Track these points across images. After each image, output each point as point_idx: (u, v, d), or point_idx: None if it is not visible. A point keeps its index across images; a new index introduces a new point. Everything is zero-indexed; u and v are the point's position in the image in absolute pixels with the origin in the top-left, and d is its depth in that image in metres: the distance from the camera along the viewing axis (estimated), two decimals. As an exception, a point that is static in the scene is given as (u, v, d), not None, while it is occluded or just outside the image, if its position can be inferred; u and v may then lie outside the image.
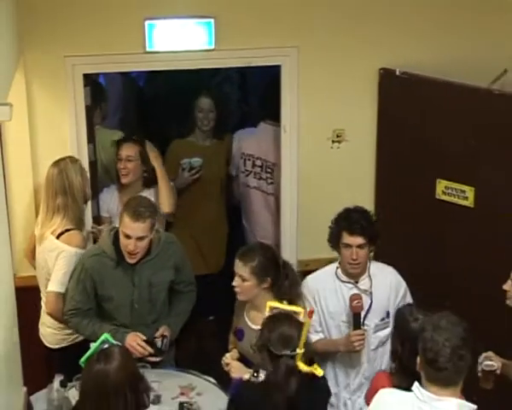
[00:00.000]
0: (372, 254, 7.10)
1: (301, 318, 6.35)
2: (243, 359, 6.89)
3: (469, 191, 7.83)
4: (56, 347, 7.70)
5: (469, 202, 7.85)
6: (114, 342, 6.13)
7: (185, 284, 7.51)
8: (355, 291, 6.56)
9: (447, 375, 5.19)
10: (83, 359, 6.10)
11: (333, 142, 8.26)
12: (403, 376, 5.75)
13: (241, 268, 6.83)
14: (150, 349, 7.05)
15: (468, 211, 7.86)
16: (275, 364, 6.09)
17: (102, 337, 6.23)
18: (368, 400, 6.06)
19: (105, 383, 5.58)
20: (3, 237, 6.48)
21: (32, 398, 7.04)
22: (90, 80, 8.20)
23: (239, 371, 6.73)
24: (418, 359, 5.37)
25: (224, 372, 6.99)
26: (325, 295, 6.64)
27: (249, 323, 6.86)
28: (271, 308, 6.35)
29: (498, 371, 6.26)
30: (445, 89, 7.69)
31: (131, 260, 7.05)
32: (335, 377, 6.80)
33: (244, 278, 6.77)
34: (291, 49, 7.96)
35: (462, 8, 7.77)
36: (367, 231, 6.46)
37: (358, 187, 8.35)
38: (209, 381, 7.34)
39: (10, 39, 6.79)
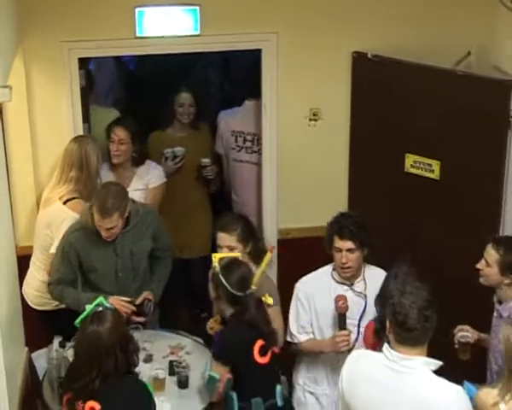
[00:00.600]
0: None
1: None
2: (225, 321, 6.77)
3: (435, 165, 7.81)
4: (39, 308, 7.61)
5: (435, 175, 7.83)
6: (108, 305, 6.03)
7: (163, 251, 7.48)
8: (349, 293, 6.33)
9: (415, 335, 5.16)
10: (78, 320, 5.99)
11: (310, 120, 8.21)
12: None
13: (227, 239, 6.84)
14: (132, 307, 7.00)
15: (434, 183, 7.84)
16: (242, 303, 6.33)
17: (97, 301, 6.08)
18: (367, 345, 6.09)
19: (97, 343, 5.61)
20: (5, 209, 6.50)
21: (34, 355, 7.06)
22: (85, 64, 8.14)
23: None
24: (387, 323, 5.34)
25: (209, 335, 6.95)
26: (320, 296, 6.39)
27: None
28: (219, 260, 6.47)
29: (472, 341, 6.25)
30: (413, 70, 7.64)
31: (109, 240, 7.01)
32: (327, 377, 6.57)
33: (232, 247, 6.79)
34: (271, 35, 7.90)
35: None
36: (356, 235, 6.20)
37: (333, 161, 8.32)
38: (197, 341, 7.33)
39: (9, 26, 6.74)
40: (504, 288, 6.00)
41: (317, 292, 6.38)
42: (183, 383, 6.68)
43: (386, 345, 5.32)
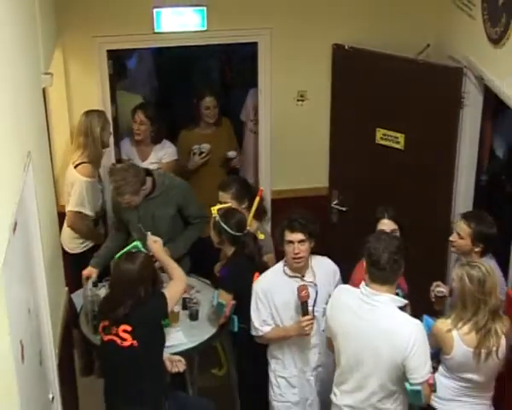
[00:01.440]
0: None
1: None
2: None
3: (401, 137, 7.95)
4: (71, 252, 7.80)
5: (401, 146, 7.97)
6: (142, 249, 6.21)
7: (193, 217, 7.53)
8: (302, 283, 6.02)
9: (385, 274, 5.41)
10: (117, 255, 6.27)
11: (297, 100, 8.30)
12: None
13: (224, 196, 6.99)
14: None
15: (400, 152, 7.97)
16: (241, 240, 6.64)
17: (133, 244, 6.34)
18: (352, 282, 6.18)
19: (130, 277, 5.86)
20: (48, 175, 6.60)
21: (72, 295, 7.18)
22: (113, 55, 8.23)
23: None
24: (364, 264, 5.59)
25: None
26: (276, 291, 6.09)
27: None
28: (218, 210, 6.71)
29: (447, 295, 6.33)
30: (382, 59, 7.73)
31: (131, 208, 7.25)
32: (293, 360, 6.29)
33: (227, 203, 6.89)
34: (266, 30, 7.99)
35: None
36: (305, 227, 5.91)
37: (317, 134, 8.44)
38: (205, 282, 7.47)
39: (50, 24, 6.93)
40: (474, 255, 6.06)
41: (273, 288, 6.11)
42: (193, 316, 6.88)
43: (362, 283, 5.55)
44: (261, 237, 6.86)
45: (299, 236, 5.90)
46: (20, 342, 4.67)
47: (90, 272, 6.97)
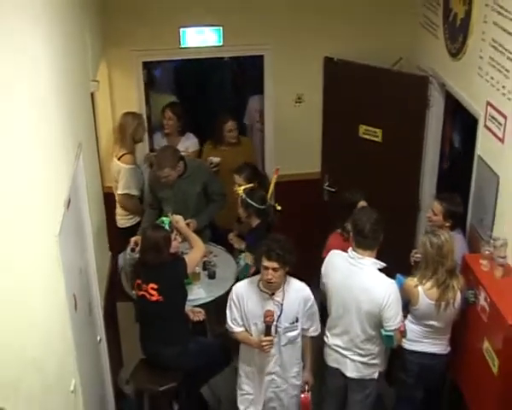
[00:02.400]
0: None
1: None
2: (240, 236, 7.11)
3: (379, 132, 7.97)
4: (122, 226, 7.93)
5: (379, 139, 7.99)
6: (167, 226, 6.32)
7: (215, 194, 7.59)
8: (270, 302, 5.65)
9: (368, 241, 5.62)
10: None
11: (295, 102, 8.31)
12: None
13: (237, 179, 7.04)
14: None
15: (378, 144, 8.00)
16: (264, 211, 6.69)
17: (160, 219, 6.50)
18: (323, 254, 6.24)
19: (153, 241, 6.06)
20: (95, 163, 6.73)
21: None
22: (147, 67, 8.28)
23: (238, 243, 7.10)
24: (351, 233, 5.76)
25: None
26: (248, 299, 5.72)
27: None
28: (244, 190, 6.75)
29: None
30: (364, 69, 7.74)
31: (168, 183, 7.31)
32: (254, 360, 5.94)
33: (240, 184, 6.92)
34: (270, 45, 8.01)
35: (373, 17, 7.80)
36: (281, 257, 5.45)
37: (311, 130, 8.42)
38: (221, 248, 7.55)
39: (97, 42, 6.98)
40: (445, 228, 6.02)
41: (246, 295, 5.74)
42: (211, 276, 7.02)
43: (350, 248, 5.73)
44: (278, 207, 6.83)
45: (274, 264, 5.49)
46: (73, 295, 4.79)
47: (138, 239, 6.94)
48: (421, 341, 5.92)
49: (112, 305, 7.05)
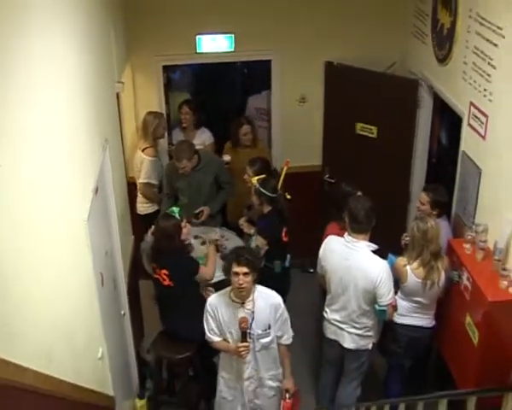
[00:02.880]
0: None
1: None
2: (249, 221, 7.12)
3: (374, 129, 7.94)
4: (141, 213, 7.93)
5: (375, 135, 7.96)
6: (177, 215, 6.23)
7: (224, 183, 7.67)
8: (241, 310, 5.44)
9: (362, 226, 5.67)
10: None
11: (299, 101, 8.30)
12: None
13: (249, 170, 7.00)
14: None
15: (374, 140, 7.97)
16: (276, 199, 6.62)
17: (171, 209, 6.40)
18: (321, 241, 6.22)
19: (163, 230, 6.05)
20: (120, 156, 6.78)
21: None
22: (167, 70, 8.32)
23: (248, 228, 7.08)
24: (346, 220, 5.79)
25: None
26: (221, 310, 5.50)
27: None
28: (258, 180, 6.65)
29: None
30: (361, 72, 7.71)
31: (185, 174, 7.36)
32: (231, 367, 5.76)
33: (250, 174, 6.92)
34: (277, 51, 8.00)
35: (370, 26, 7.77)
36: (250, 262, 5.28)
37: (314, 126, 8.40)
38: (231, 232, 7.55)
39: (122, 48, 7.02)
40: (432, 216, 6.06)
41: (219, 306, 5.51)
42: (223, 257, 6.68)
43: (346, 233, 5.78)
44: (288, 196, 6.83)
45: (244, 269, 5.27)
46: (100, 273, 4.85)
47: None
48: (410, 315, 5.99)
49: (134, 282, 7.11)
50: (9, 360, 2.58)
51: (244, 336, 5.39)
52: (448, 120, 7.53)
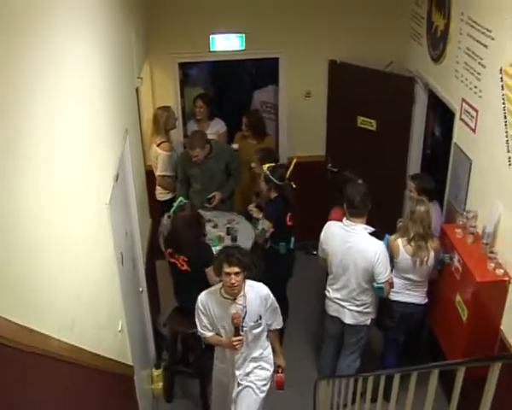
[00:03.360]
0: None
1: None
2: (258, 206, 7.10)
3: (374, 122, 7.95)
4: (160, 200, 7.94)
5: (374, 128, 7.97)
6: (185, 201, 6.35)
7: (233, 170, 7.69)
8: (234, 306, 5.22)
9: (359, 211, 5.72)
10: (170, 211, 6.44)
11: (305, 96, 8.30)
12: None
13: (256, 158, 7.05)
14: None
15: (373, 132, 7.99)
16: (282, 187, 6.65)
17: (179, 200, 6.40)
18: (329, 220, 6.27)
19: (183, 219, 6.04)
20: (139, 147, 6.78)
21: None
22: (183, 67, 8.29)
23: (256, 213, 7.04)
24: (344, 205, 5.82)
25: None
26: (213, 306, 5.26)
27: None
28: (268, 167, 6.65)
29: None
30: (361, 70, 7.71)
31: (197, 162, 7.39)
32: (224, 356, 5.58)
33: (257, 163, 7.00)
34: (284, 50, 8.01)
35: (370, 28, 7.76)
36: (241, 261, 5.03)
37: (318, 120, 8.39)
38: (241, 216, 7.57)
39: (141, 46, 7.01)
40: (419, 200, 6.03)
41: (210, 303, 5.28)
42: (234, 239, 7.02)
43: (344, 218, 5.82)
44: (293, 186, 6.83)
45: (235, 269, 5.03)
46: (120, 253, 4.88)
47: None
48: (402, 292, 6.02)
49: (152, 262, 7.13)
50: (37, 329, 2.62)
51: (237, 330, 5.22)
52: (441, 115, 7.53)
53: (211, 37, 7.82)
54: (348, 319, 6.12)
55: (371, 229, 5.81)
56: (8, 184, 2.42)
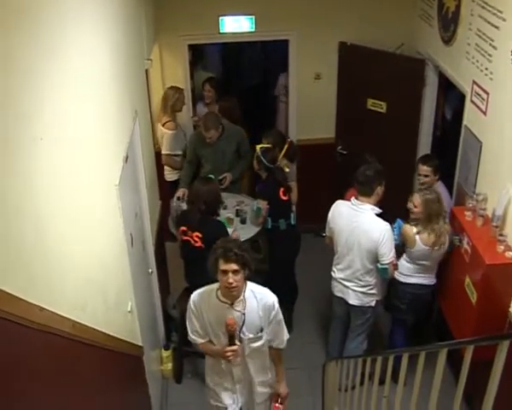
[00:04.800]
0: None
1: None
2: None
3: (384, 104, 7.93)
4: (169, 180, 7.96)
5: (384, 110, 7.95)
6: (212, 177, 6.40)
7: (244, 152, 7.65)
8: (230, 312, 4.56)
9: (364, 188, 5.81)
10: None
11: (315, 78, 8.28)
12: None
13: (264, 141, 7.03)
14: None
15: (383, 115, 7.97)
16: (272, 169, 6.71)
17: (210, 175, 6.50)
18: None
19: (203, 194, 6.05)
20: (149, 128, 6.80)
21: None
22: (192, 48, 8.28)
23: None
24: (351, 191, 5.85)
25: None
26: (207, 309, 4.63)
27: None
28: (260, 148, 6.75)
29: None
30: (372, 52, 7.71)
31: (210, 142, 7.37)
32: (222, 371, 4.94)
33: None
34: (294, 31, 7.99)
35: (381, 9, 7.75)
36: (240, 257, 4.36)
37: (328, 102, 8.37)
38: (251, 198, 7.56)
39: (151, 28, 7.03)
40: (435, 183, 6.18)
41: (204, 306, 4.65)
42: (243, 221, 7.06)
43: (352, 197, 5.84)
44: (286, 169, 6.91)
45: (233, 266, 4.35)
46: (130, 234, 4.90)
47: (183, 191, 7.16)
48: (413, 275, 6.04)
49: (161, 244, 7.16)
50: (51, 309, 2.66)
51: (232, 339, 4.56)
52: (452, 97, 7.53)
53: (220, 18, 7.79)
54: (352, 300, 6.15)
55: (378, 210, 5.82)
56: (23, 166, 2.45)
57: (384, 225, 5.74)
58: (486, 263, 5.20)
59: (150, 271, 6.23)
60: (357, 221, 5.82)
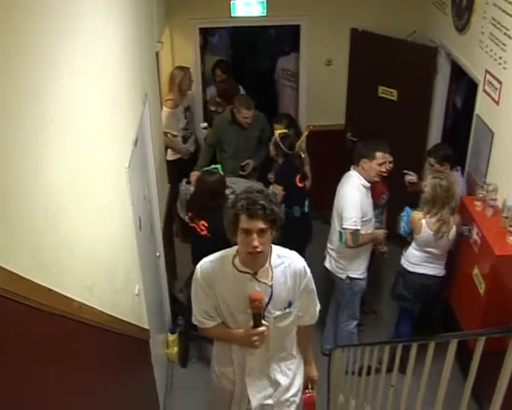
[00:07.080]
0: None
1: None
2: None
3: (394, 92, 7.92)
4: (169, 159, 7.78)
5: (395, 98, 7.93)
6: (220, 170, 6.30)
7: (265, 138, 7.54)
8: (253, 284, 3.62)
9: (353, 158, 6.07)
10: (204, 169, 6.49)
11: (326, 64, 8.26)
12: None
13: (277, 127, 7.09)
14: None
15: (394, 102, 7.95)
16: (290, 155, 6.71)
17: (215, 166, 6.42)
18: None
19: (206, 185, 6.02)
20: (158, 111, 6.78)
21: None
22: (203, 32, 8.30)
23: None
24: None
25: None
26: (220, 282, 3.67)
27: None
28: (279, 134, 6.78)
29: (415, 180, 6.54)
30: (384, 39, 7.68)
31: (246, 126, 7.37)
32: (229, 358, 3.99)
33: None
34: (305, 16, 7.96)
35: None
36: (269, 213, 3.41)
37: (338, 88, 8.36)
38: (260, 182, 7.36)
39: (162, 11, 7.01)
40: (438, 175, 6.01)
41: (215, 278, 3.68)
42: None
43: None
44: (302, 155, 6.94)
45: (259, 224, 3.41)
46: (138, 217, 4.88)
47: (196, 174, 7.03)
48: (422, 264, 6.00)
49: (169, 227, 7.15)
50: (59, 291, 2.65)
51: (258, 318, 3.64)
52: (464, 86, 7.49)
53: (232, 2, 7.77)
54: (327, 263, 6.38)
55: (366, 183, 5.93)
56: (33, 147, 2.43)
57: (351, 191, 5.90)
58: (496, 254, 5.18)
59: (158, 254, 6.21)
60: (341, 184, 6.04)
